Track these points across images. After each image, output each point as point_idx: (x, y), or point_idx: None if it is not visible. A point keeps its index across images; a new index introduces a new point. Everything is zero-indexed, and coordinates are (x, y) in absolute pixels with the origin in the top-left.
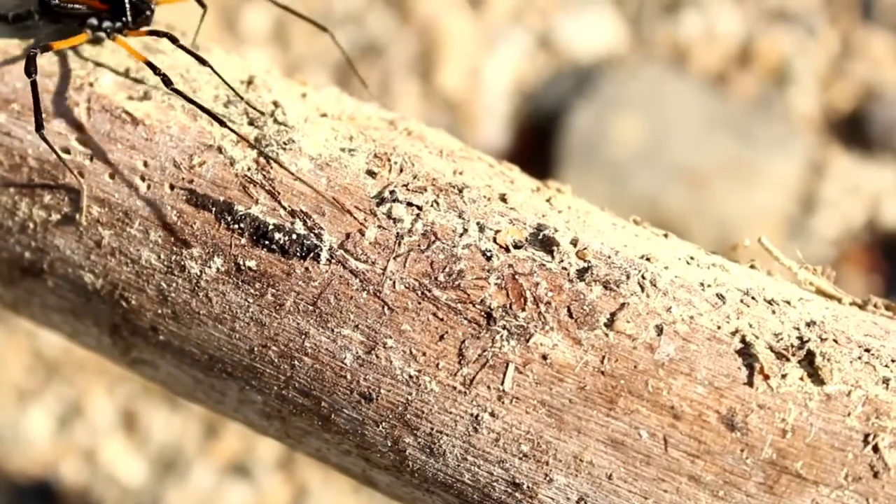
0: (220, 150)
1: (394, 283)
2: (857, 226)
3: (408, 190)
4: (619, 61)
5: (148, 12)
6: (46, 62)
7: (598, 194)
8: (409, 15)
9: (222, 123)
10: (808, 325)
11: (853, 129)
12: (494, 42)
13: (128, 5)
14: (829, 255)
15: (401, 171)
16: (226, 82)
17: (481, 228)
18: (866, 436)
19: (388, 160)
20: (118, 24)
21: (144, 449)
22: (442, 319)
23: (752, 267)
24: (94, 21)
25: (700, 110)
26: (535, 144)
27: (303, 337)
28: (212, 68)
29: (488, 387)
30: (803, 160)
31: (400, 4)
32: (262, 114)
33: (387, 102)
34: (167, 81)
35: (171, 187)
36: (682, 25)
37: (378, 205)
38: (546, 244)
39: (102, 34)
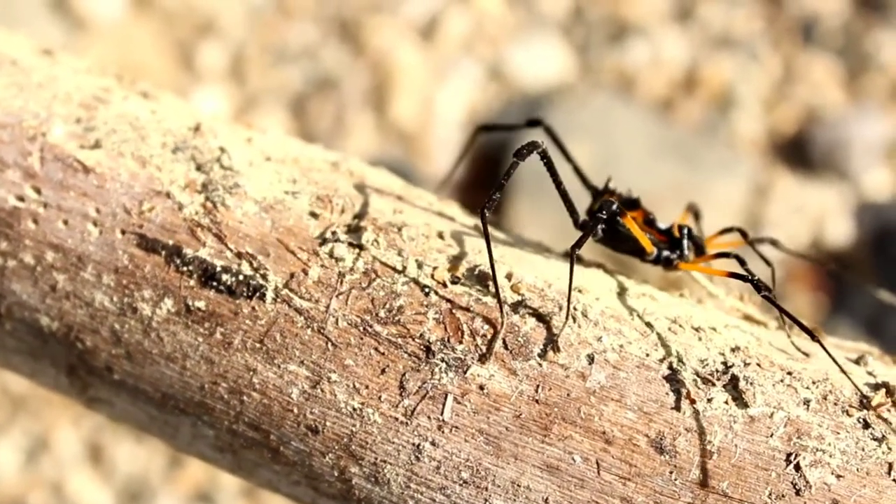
0: (168, 195)
1: (337, 319)
2: (803, 245)
3: (349, 230)
4: (567, 90)
5: (701, 245)
6: None
7: (548, 221)
8: (362, 49)
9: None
10: (732, 350)
11: (796, 152)
12: (446, 73)
13: (685, 242)
14: (777, 275)
15: (342, 211)
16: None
17: (420, 265)
18: (788, 455)
19: (331, 201)
20: (675, 255)
21: (110, 480)
22: (383, 354)
23: (680, 296)
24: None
25: (647, 136)
26: (488, 173)
27: (251, 373)
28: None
29: (429, 417)
30: (748, 182)
31: (353, 38)
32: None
33: (341, 135)
34: (758, 287)
35: (123, 232)
36: (629, 53)
37: (321, 245)
38: (482, 279)
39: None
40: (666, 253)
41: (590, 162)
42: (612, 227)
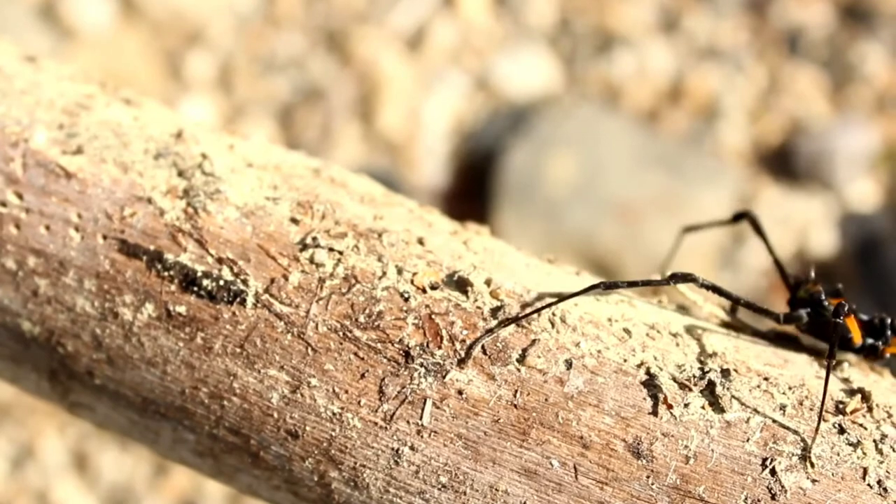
0: (149, 201)
1: (317, 324)
2: (787, 255)
3: (329, 236)
4: (553, 101)
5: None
6: None
7: (534, 230)
8: (349, 59)
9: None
10: (710, 356)
11: (781, 162)
12: (433, 84)
13: (890, 333)
14: (759, 285)
15: (323, 217)
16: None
17: (399, 271)
18: (764, 460)
19: (311, 208)
20: (879, 343)
21: (96, 488)
22: (363, 359)
23: (659, 302)
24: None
25: (632, 147)
26: (473, 183)
27: (231, 378)
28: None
29: (408, 422)
30: (733, 193)
31: (340, 48)
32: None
33: (328, 145)
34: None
35: (104, 237)
36: (615, 64)
37: (301, 250)
38: (461, 284)
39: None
40: (870, 341)
41: (575, 173)
42: (818, 315)
